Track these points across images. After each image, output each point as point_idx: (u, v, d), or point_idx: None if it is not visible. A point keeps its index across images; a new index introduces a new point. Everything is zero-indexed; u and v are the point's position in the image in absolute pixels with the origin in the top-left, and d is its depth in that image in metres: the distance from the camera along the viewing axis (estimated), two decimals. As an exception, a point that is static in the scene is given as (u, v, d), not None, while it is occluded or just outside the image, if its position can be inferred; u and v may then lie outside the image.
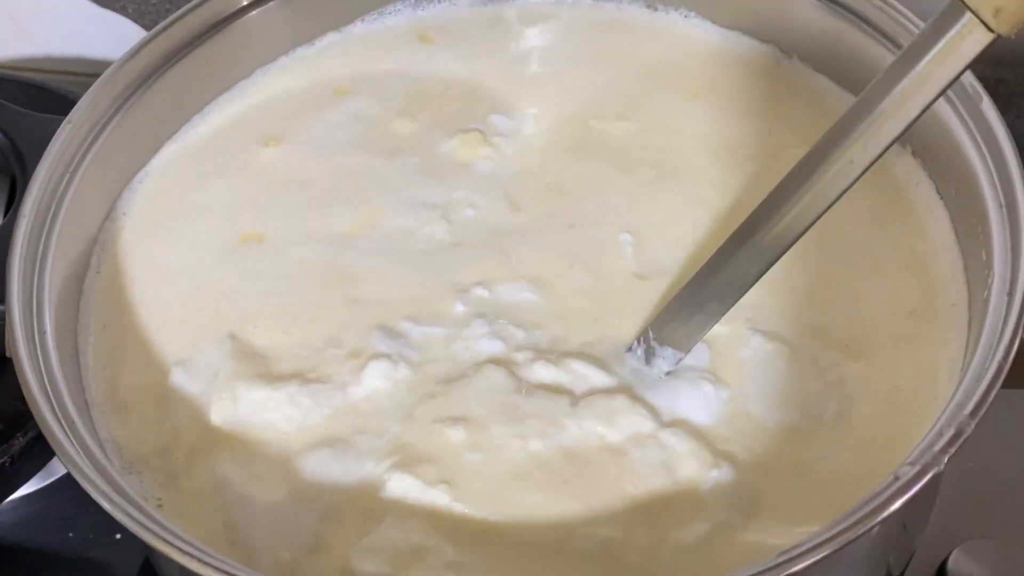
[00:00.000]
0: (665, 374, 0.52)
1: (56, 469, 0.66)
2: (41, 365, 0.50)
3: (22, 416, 0.58)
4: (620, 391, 0.52)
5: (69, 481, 0.46)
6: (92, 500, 0.45)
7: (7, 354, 0.50)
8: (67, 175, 0.57)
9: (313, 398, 0.53)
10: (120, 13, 0.85)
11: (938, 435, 0.43)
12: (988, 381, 0.44)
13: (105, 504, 0.45)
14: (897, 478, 0.42)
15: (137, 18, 0.85)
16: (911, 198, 0.58)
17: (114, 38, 0.85)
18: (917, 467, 0.42)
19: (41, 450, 0.59)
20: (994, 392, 0.44)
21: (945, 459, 0.43)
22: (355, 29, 0.69)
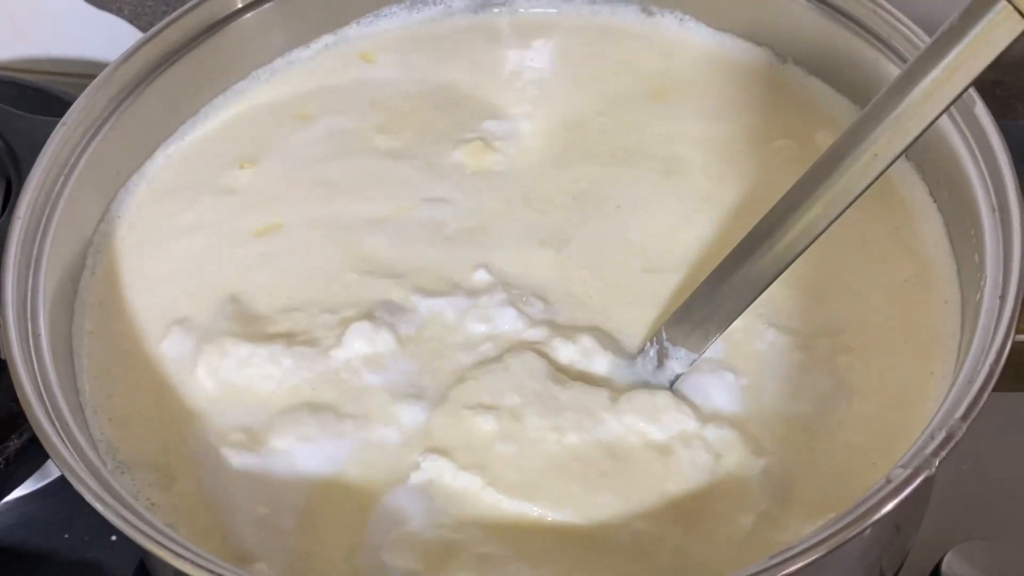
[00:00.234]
0: (676, 376, 0.52)
1: (51, 471, 0.66)
2: (35, 367, 0.50)
3: (16, 418, 0.58)
4: (660, 388, 0.52)
5: (64, 483, 0.46)
6: (87, 502, 0.45)
7: (1, 356, 0.50)
8: (62, 177, 0.57)
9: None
10: (116, 15, 0.85)
11: (930, 438, 0.43)
12: (980, 384, 0.44)
13: (98, 506, 0.45)
14: (889, 481, 0.42)
15: (132, 20, 0.85)
16: (904, 200, 0.59)
17: (109, 40, 0.85)
18: (909, 470, 0.42)
19: (36, 452, 0.59)
20: (986, 395, 0.44)
21: (936, 462, 0.43)
22: (350, 31, 0.69)
